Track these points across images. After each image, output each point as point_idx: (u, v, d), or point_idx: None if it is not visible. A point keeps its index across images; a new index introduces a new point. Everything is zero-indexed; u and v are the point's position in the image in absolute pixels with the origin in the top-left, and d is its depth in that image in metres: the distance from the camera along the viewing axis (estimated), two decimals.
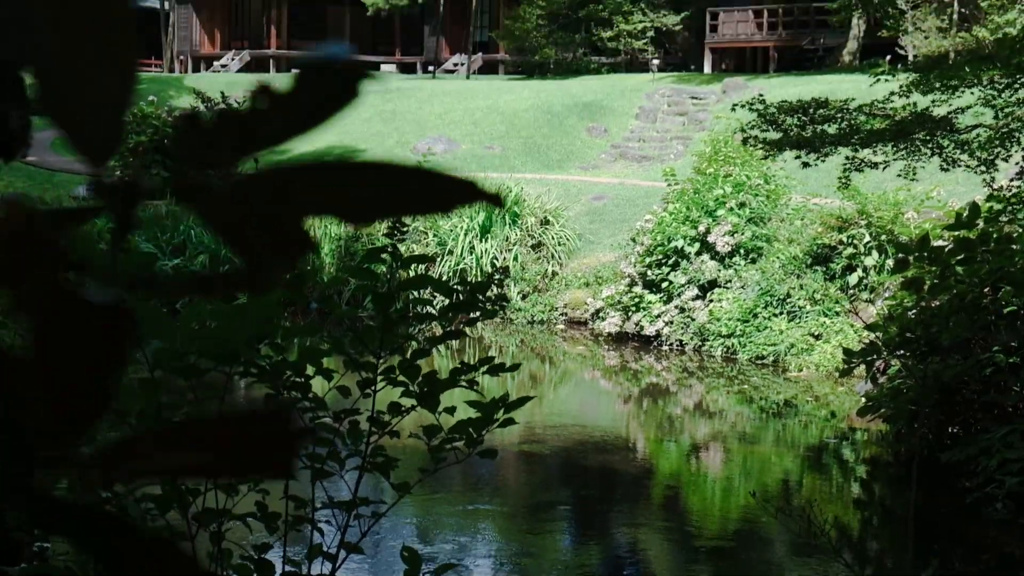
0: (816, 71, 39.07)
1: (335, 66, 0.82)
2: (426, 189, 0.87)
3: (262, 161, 0.86)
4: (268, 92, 0.82)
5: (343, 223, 0.91)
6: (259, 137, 0.83)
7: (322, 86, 0.82)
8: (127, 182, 0.85)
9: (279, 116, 0.83)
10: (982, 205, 11.12)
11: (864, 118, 13.45)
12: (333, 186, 0.85)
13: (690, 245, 20.24)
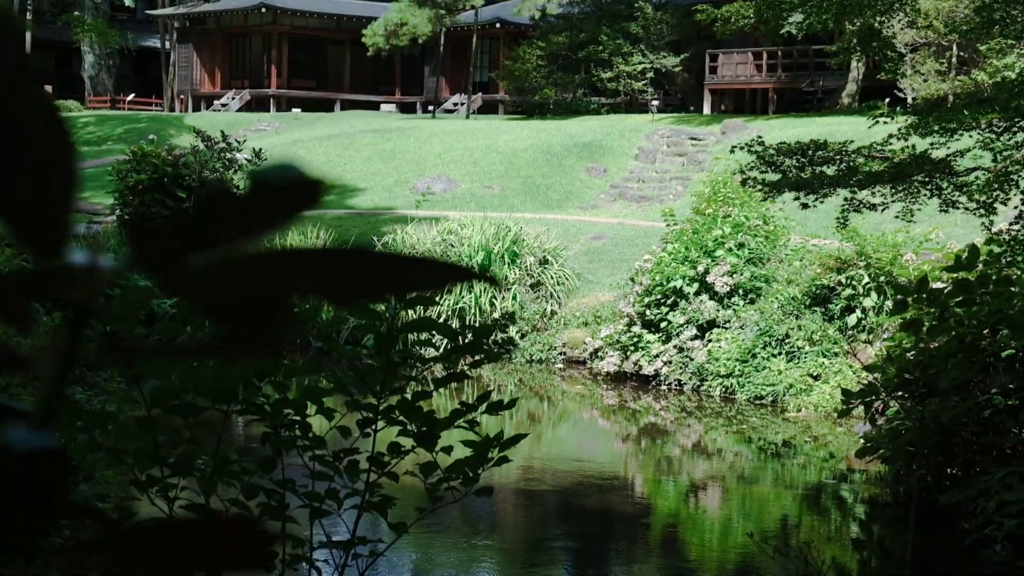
0: (815, 113, 39.17)
1: (287, 183, 0.82)
2: (414, 275, 0.87)
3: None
4: (225, 197, 0.82)
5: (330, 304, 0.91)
6: (213, 240, 0.83)
7: (277, 195, 0.82)
8: (82, 269, 0.84)
9: (235, 221, 0.83)
10: (981, 248, 11.14)
11: (863, 160, 13.47)
12: (318, 272, 0.85)
13: (689, 285, 20.25)
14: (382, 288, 0.87)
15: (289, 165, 0.82)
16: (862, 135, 18.34)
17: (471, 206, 29.60)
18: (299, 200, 0.82)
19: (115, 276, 0.85)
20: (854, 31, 16.75)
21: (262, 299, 0.85)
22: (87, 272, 0.84)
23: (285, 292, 0.85)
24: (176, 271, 0.83)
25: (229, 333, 0.86)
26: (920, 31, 31.13)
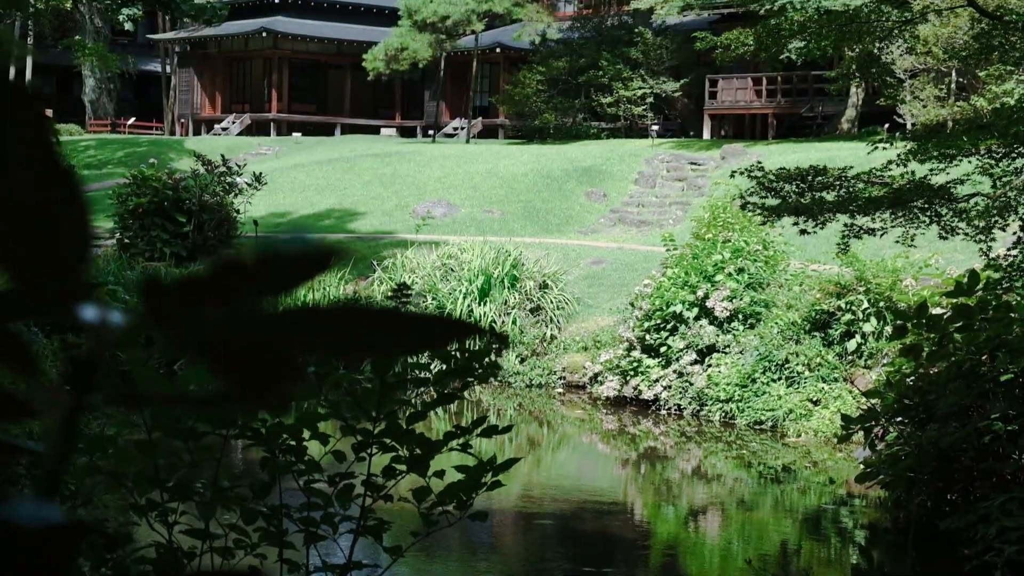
0: (815, 138, 39.23)
1: (298, 255, 0.84)
2: (424, 333, 0.88)
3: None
4: (235, 265, 0.83)
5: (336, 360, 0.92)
6: (219, 302, 0.84)
7: (284, 267, 0.84)
8: (85, 359, 0.85)
9: (244, 286, 0.84)
10: (980, 273, 11.15)
11: (862, 186, 13.49)
12: (329, 331, 0.86)
13: (689, 310, 20.25)
14: (392, 346, 0.88)
15: (300, 238, 0.84)
16: (861, 160, 18.37)
17: (471, 230, 29.62)
18: (308, 269, 0.84)
19: (126, 333, 0.86)
20: (853, 57, 16.80)
21: (272, 357, 0.86)
22: (98, 329, 0.85)
23: (295, 350, 0.86)
24: (187, 328, 0.84)
25: (238, 389, 0.87)
26: (919, 57, 31.21)
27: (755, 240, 20.81)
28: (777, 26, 15.11)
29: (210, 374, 0.87)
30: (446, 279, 23.92)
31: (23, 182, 0.81)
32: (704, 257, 20.75)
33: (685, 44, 44.05)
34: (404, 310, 0.87)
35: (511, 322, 23.17)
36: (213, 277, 0.84)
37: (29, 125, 0.81)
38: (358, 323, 0.86)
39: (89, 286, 0.86)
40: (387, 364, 4.52)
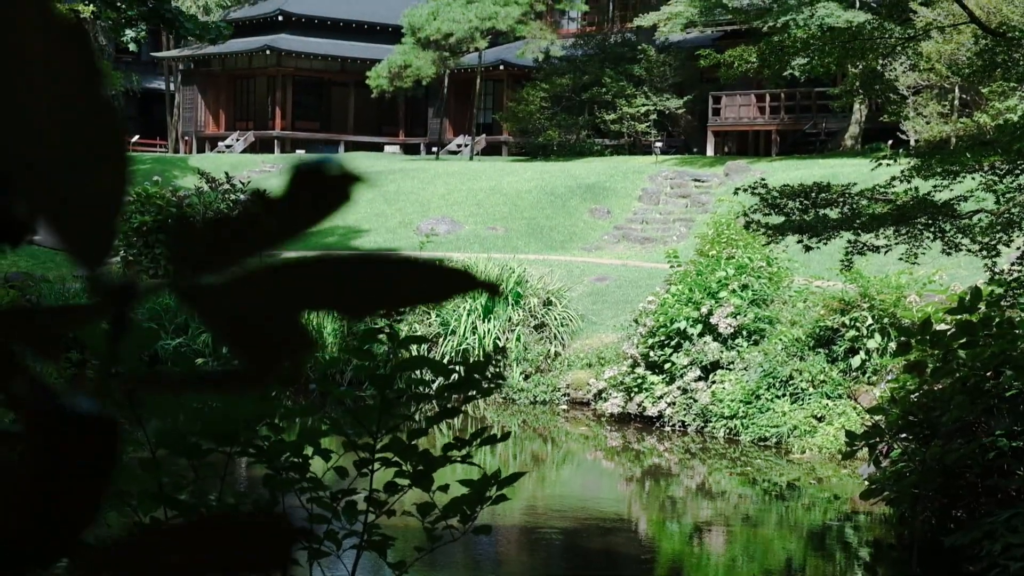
0: (818, 155, 39.27)
1: (326, 174, 0.84)
2: (422, 280, 0.88)
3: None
4: (262, 197, 0.84)
5: (341, 317, 0.93)
6: (252, 241, 0.85)
7: (314, 191, 0.84)
8: (122, 285, 0.86)
9: (272, 220, 0.85)
10: (984, 289, 11.15)
11: (866, 203, 13.50)
12: (329, 281, 0.86)
13: (693, 327, 20.24)
14: (394, 296, 0.89)
15: (329, 159, 0.84)
16: (865, 177, 18.39)
17: (475, 247, 29.63)
18: (337, 197, 0.85)
19: (152, 290, 0.87)
20: (857, 74, 16.81)
21: (280, 319, 0.86)
22: (126, 285, 0.86)
23: (299, 306, 0.87)
24: (206, 292, 0.85)
25: (250, 360, 0.87)
26: (922, 74, 31.23)
27: (759, 257, 20.81)
28: (780, 43, 15.13)
29: (227, 344, 0.87)
30: (442, 304, 23.90)
31: (69, 113, 0.82)
32: (708, 274, 20.75)
33: (688, 61, 44.09)
34: (411, 257, 0.88)
35: (515, 339, 23.17)
36: (243, 215, 0.85)
37: (77, 62, 0.82)
38: (359, 273, 0.86)
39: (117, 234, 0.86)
40: (388, 379, 4.52)
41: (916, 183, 13.26)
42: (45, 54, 0.80)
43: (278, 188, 0.85)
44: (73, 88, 0.81)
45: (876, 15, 20.28)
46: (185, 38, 30.73)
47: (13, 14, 0.79)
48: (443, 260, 0.89)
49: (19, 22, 0.79)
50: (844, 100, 31.10)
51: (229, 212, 0.84)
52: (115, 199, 0.84)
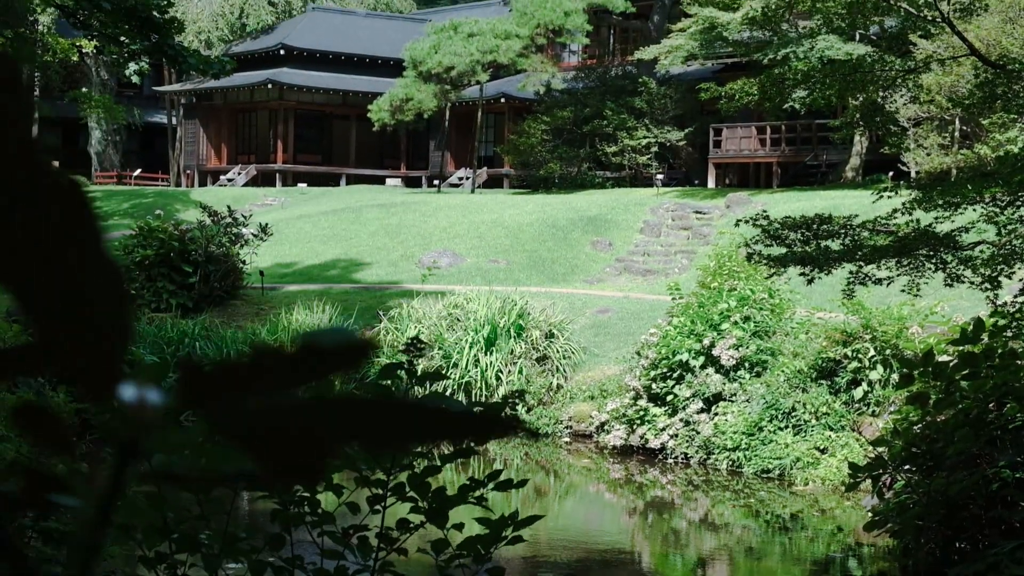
0: (819, 187, 39.32)
1: (335, 346, 0.87)
2: (455, 427, 0.91)
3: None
4: (273, 352, 0.87)
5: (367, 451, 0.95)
6: (257, 387, 0.87)
7: (321, 357, 0.88)
8: (126, 440, 0.88)
9: (279, 374, 0.87)
10: (986, 321, 11.16)
11: (868, 234, 13.52)
12: (360, 422, 0.89)
13: (695, 359, 20.25)
14: (421, 438, 0.91)
15: (340, 330, 0.87)
16: (866, 209, 18.39)
17: (477, 280, 29.66)
18: (345, 360, 0.87)
19: (165, 414, 0.89)
20: (857, 106, 16.88)
21: (304, 442, 0.89)
22: (137, 410, 0.88)
23: (327, 439, 0.89)
24: (223, 413, 0.87)
25: (273, 470, 0.89)
26: (923, 106, 31.33)
27: (761, 288, 20.83)
28: (781, 75, 15.20)
29: (247, 457, 0.89)
30: (452, 329, 23.94)
31: (70, 269, 0.84)
32: (710, 306, 20.77)
33: (689, 94, 44.23)
34: (437, 404, 0.90)
35: (517, 371, 23.17)
36: (251, 363, 0.87)
37: (75, 217, 0.84)
38: (393, 416, 0.89)
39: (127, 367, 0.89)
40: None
41: (918, 215, 13.29)
42: (48, 213, 0.83)
43: (290, 347, 0.89)
44: (76, 242, 0.84)
45: (876, 48, 20.36)
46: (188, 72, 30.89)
47: (17, 180, 0.82)
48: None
49: (22, 185, 0.83)
50: (845, 132, 31.25)
51: (238, 360, 0.87)
52: (120, 340, 0.86)
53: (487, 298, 24.40)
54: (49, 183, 0.84)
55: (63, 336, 0.86)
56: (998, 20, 27.24)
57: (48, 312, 0.85)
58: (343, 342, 0.87)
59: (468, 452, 4.73)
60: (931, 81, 28.09)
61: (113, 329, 0.86)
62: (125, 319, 0.86)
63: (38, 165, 0.84)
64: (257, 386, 0.87)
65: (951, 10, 13.61)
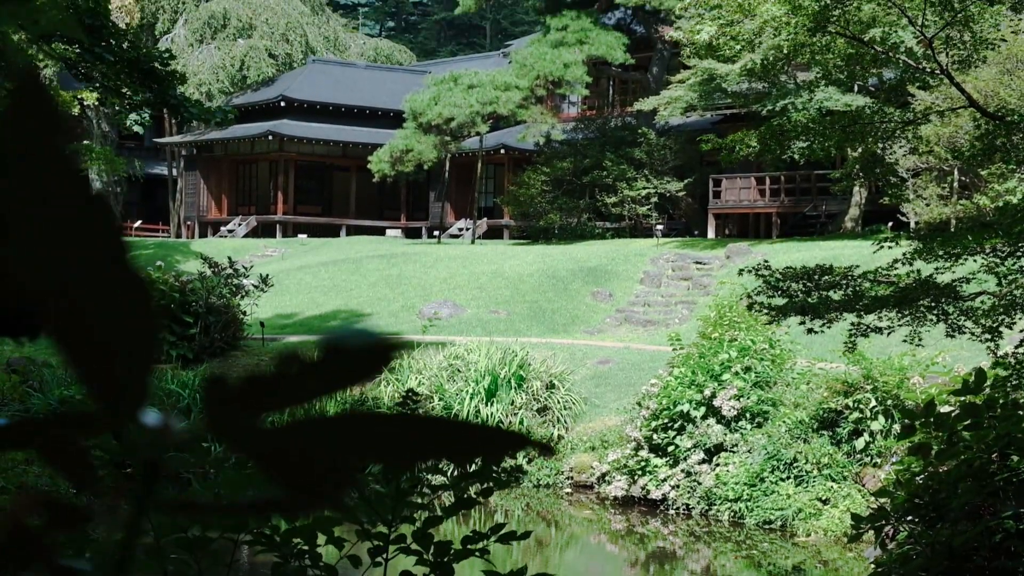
0: (819, 237, 39.37)
1: (360, 348, 0.87)
2: (475, 443, 0.91)
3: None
4: (296, 360, 0.86)
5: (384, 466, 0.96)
6: (283, 399, 0.87)
7: (347, 362, 0.87)
8: (148, 463, 0.88)
9: (305, 382, 0.87)
10: (988, 372, 11.14)
11: (868, 285, 13.53)
12: (383, 438, 0.89)
13: (696, 409, 20.22)
14: (442, 455, 0.91)
15: (362, 331, 0.86)
16: (866, 259, 18.41)
17: (477, 331, 29.65)
18: (371, 365, 0.87)
19: (187, 437, 0.89)
20: (857, 157, 16.92)
21: (327, 463, 0.88)
22: (160, 433, 0.88)
23: (349, 457, 0.89)
24: (248, 431, 0.86)
25: (296, 493, 0.89)
26: (922, 156, 31.41)
27: (761, 339, 20.83)
28: (780, 127, 15.23)
29: (269, 479, 0.89)
30: (453, 379, 23.92)
31: (95, 281, 0.84)
32: (711, 356, 20.76)
33: (688, 144, 44.35)
34: (460, 419, 0.90)
35: (518, 422, 23.14)
36: (276, 375, 0.87)
37: (107, 236, 0.85)
38: (414, 432, 0.88)
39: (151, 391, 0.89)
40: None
41: (918, 265, 13.30)
42: (73, 221, 0.83)
43: (313, 354, 0.88)
44: (100, 254, 0.84)
45: (875, 99, 20.44)
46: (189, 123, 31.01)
47: (45, 191, 0.83)
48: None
49: (50, 195, 0.83)
50: (844, 183, 31.34)
51: (264, 371, 0.87)
52: (144, 360, 0.86)
53: (488, 349, 24.39)
54: (83, 200, 0.84)
55: (88, 353, 0.86)
56: (996, 71, 27.36)
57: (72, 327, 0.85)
58: (367, 343, 0.87)
59: (472, 503, 4.71)
60: (930, 132, 28.17)
61: (139, 346, 0.86)
62: (151, 336, 0.86)
63: (71, 173, 0.84)
64: (283, 399, 0.87)
65: (950, 62, 13.67)
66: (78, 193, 0.84)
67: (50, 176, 0.83)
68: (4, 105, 0.85)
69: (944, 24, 12.99)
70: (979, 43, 13.60)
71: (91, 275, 0.84)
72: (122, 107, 23.62)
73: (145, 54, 21.83)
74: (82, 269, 0.84)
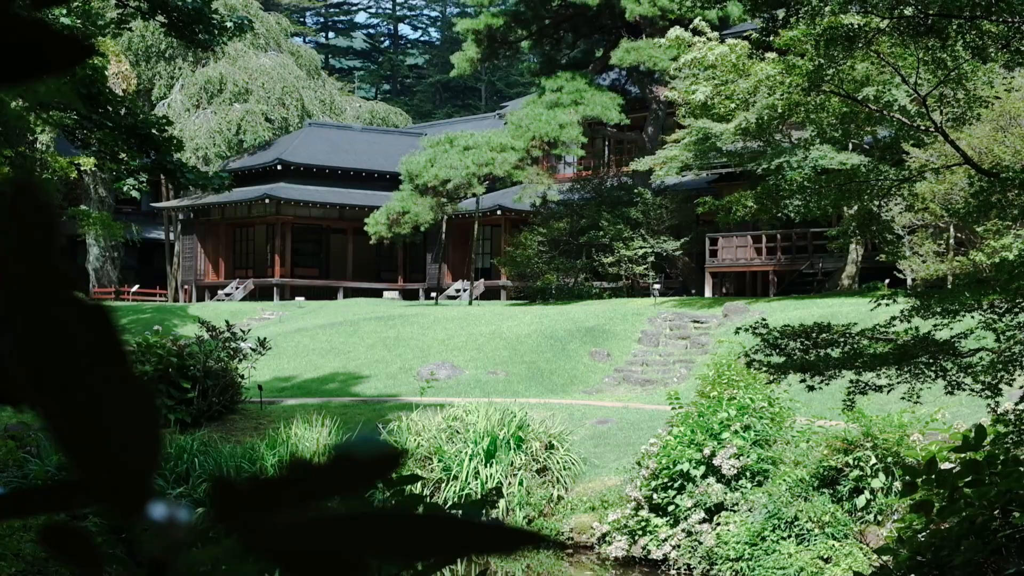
0: (816, 295, 39.43)
1: (368, 456, 0.89)
2: (486, 540, 0.93)
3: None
4: (304, 465, 0.89)
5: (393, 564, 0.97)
6: (290, 501, 0.89)
7: (354, 468, 0.89)
8: (155, 562, 0.90)
9: (311, 486, 0.89)
10: (988, 428, 11.15)
11: (867, 342, 13.55)
12: (396, 536, 0.90)
13: (696, 468, 20.18)
14: (456, 552, 0.93)
15: (371, 439, 0.89)
16: (864, 316, 18.48)
17: (476, 392, 29.62)
18: (377, 470, 0.89)
19: (194, 533, 0.90)
20: (853, 215, 17.00)
21: (340, 559, 0.90)
22: (167, 529, 0.89)
23: (363, 554, 0.90)
24: (257, 529, 0.88)
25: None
26: (917, 213, 31.54)
27: (760, 397, 20.82)
28: (776, 186, 15.33)
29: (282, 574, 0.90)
30: (452, 441, 23.88)
31: (98, 391, 0.86)
32: (710, 415, 20.74)
33: (684, 203, 44.54)
34: (468, 518, 0.91)
35: (517, 483, 23.08)
36: (284, 478, 0.88)
37: (102, 338, 0.87)
38: (427, 530, 0.90)
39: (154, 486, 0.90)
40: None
41: (916, 322, 13.33)
42: (76, 336, 0.86)
43: (321, 459, 0.90)
44: (102, 361, 0.86)
45: (870, 157, 20.55)
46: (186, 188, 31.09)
47: (45, 303, 0.85)
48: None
49: (52, 305, 0.85)
50: (841, 241, 31.41)
51: (272, 474, 0.89)
52: (150, 459, 0.88)
53: (486, 410, 24.36)
54: (75, 306, 0.86)
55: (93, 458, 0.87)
56: (990, 128, 27.51)
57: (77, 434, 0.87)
58: (375, 452, 0.89)
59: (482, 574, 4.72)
60: (925, 189, 28.31)
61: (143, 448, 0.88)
62: (155, 438, 0.88)
63: (65, 288, 0.86)
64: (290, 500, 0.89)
65: (944, 120, 13.75)
66: (73, 298, 0.86)
67: (45, 282, 0.85)
68: (4, 177, 0.87)
69: (938, 82, 13.09)
70: (973, 101, 13.68)
71: (90, 377, 0.86)
72: (120, 172, 23.70)
73: (142, 120, 21.94)
74: (79, 372, 0.85)
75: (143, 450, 0.88)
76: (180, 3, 20.80)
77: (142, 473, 0.88)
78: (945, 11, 11.69)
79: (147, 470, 0.88)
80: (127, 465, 0.88)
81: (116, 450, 0.87)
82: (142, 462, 0.88)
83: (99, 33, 21.65)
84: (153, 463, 0.88)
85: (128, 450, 0.88)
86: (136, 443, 0.88)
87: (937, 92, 13.37)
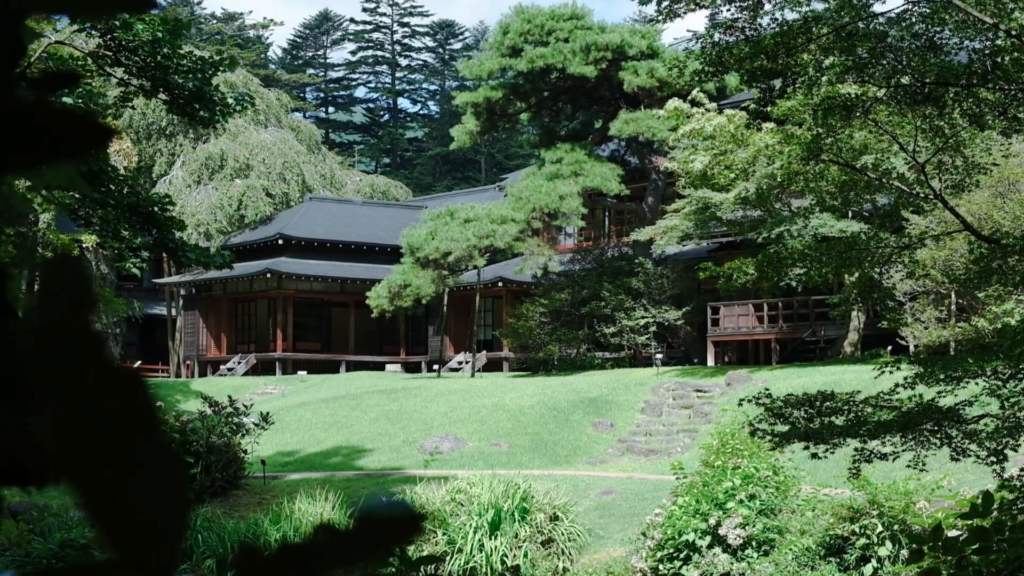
0: (818, 362, 39.39)
1: (391, 518, 0.91)
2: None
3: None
4: (329, 530, 0.90)
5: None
6: (316, 567, 0.91)
7: (378, 531, 0.91)
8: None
9: (337, 551, 0.90)
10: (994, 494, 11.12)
11: (871, 410, 13.53)
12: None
13: (701, 538, 20.09)
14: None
15: (395, 502, 0.90)
16: (867, 384, 18.46)
17: (479, 464, 29.54)
18: (401, 533, 0.90)
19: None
20: (854, 283, 17.02)
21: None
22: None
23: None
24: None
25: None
26: (918, 280, 31.58)
27: (765, 466, 20.76)
28: (777, 254, 15.34)
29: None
30: (456, 513, 23.78)
31: (134, 456, 0.88)
32: (714, 484, 20.67)
33: (685, 272, 44.60)
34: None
35: (522, 555, 22.96)
36: (309, 544, 0.90)
37: (136, 405, 0.88)
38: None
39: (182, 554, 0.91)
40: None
41: (920, 389, 13.31)
42: (106, 398, 0.87)
43: (345, 523, 0.91)
44: (137, 427, 0.88)
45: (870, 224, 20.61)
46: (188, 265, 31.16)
47: (80, 366, 0.87)
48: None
49: (84, 372, 0.87)
50: (842, 308, 31.43)
51: (297, 543, 0.90)
52: (179, 526, 0.89)
53: (490, 482, 24.28)
54: (112, 375, 0.87)
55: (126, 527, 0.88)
56: (989, 195, 27.63)
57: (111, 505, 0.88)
58: (398, 514, 0.90)
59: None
60: (926, 256, 28.37)
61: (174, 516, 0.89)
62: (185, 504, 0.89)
63: (101, 358, 0.87)
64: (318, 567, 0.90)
65: (943, 187, 13.81)
66: (109, 363, 0.87)
67: (80, 351, 0.86)
68: (7, 255, 0.89)
69: (936, 150, 13.15)
70: (971, 167, 13.75)
71: (119, 446, 0.87)
72: (121, 251, 23.76)
73: (144, 199, 22.04)
74: (110, 440, 0.87)
75: (174, 517, 0.89)
76: (182, 82, 20.94)
77: (174, 541, 0.89)
78: (942, 79, 11.77)
79: (177, 537, 0.90)
80: (159, 533, 0.89)
81: (149, 518, 0.88)
82: (173, 530, 0.89)
83: (102, 114, 21.80)
84: (183, 530, 0.90)
85: (160, 518, 0.89)
86: (168, 510, 0.89)
87: (936, 159, 13.44)
